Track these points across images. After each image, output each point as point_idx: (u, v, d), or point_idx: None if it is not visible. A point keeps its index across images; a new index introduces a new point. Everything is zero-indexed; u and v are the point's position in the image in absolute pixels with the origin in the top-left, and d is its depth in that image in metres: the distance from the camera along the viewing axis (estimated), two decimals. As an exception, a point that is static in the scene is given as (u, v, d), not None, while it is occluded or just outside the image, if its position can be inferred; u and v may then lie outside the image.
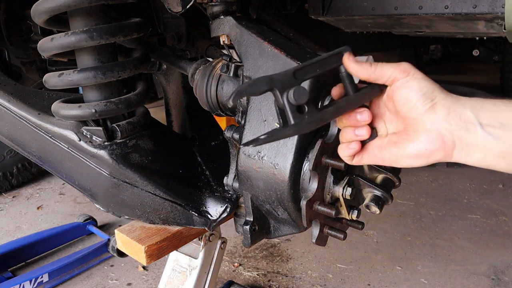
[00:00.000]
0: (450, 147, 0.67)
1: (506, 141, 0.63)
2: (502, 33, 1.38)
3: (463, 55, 6.54)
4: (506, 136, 0.63)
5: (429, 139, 0.67)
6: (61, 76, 1.05)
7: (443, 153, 0.67)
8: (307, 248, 2.28)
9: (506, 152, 0.64)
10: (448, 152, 0.67)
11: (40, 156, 1.22)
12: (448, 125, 0.66)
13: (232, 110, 1.04)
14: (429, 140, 0.67)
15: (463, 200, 2.77)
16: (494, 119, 0.64)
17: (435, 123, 0.67)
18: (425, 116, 0.67)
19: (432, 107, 0.67)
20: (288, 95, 0.67)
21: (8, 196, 3.00)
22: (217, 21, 1.04)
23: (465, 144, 0.66)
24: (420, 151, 0.68)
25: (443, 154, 0.67)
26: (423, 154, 0.68)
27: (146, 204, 1.12)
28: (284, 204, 0.91)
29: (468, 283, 1.99)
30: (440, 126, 0.66)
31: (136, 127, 1.12)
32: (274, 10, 1.62)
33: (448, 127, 0.66)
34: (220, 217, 1.15)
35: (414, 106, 0.68)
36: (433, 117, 0.67)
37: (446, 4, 1.25)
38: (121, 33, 1.04)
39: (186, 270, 1.38)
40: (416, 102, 0.68)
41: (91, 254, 2.15)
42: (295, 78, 0.69)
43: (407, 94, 0.69)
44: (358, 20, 1.58)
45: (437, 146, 0.67)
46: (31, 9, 1.05)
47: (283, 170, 0.88)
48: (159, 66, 1.35)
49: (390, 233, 2.42)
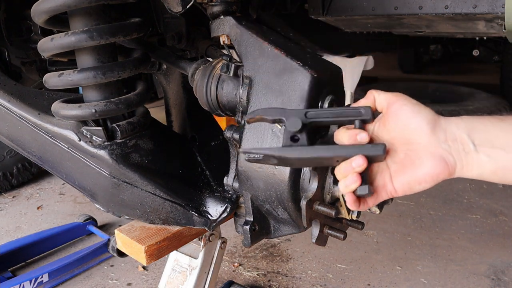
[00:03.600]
0: (453, 167, 0.69)
1: (497, 159, 0.68)
2: (502, 33, 1.38)
3: (463, 55, 6.54)
4: (495, 154, 0.68)
5: (435, 163, 0.69)
6: (61, 76, 1.05)
7: (448, 173, 0.70)
8: (307, 248, 2.28)
9: (497, 168, 0.68)
10: (452, 172, 0.70)
11: (40, 156, 1.22)
12: (448, 147, 0.69)
13: (232, 110, 1.04)
14: (435, 164, 0.69)
15: (463, 200, 2.77)
16: (484, 139, 0.68)
17: (438, 146, 0.69)
18: (428, 138, 0.69)
19: (432, 130, 0.69)
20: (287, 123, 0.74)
21: (8, 196, 3.00)
22: (217, 21, 1.04)
23: (464, 164, 0.69)
24: (428, 175, 0.70)
25: (447, 174, 0.70)
26: (431, 177, 0.70)
27: (146, 204, 1.12)
28: (284, 204, 0.91)
29: (468, 283, 1.99)
30: (442, 149, 0.69)
31: (136, 127, 1.12)
32: (274, 10, 1.62)
33: (448, 150, 0.69)
34: (220, 217, 1.15)
35: (415, 129, 0.70)
36: (435, 140, 0.69)
37: (446, 4, 1.25)
38: (121, 33, 1.04)
39: (186, 270, 1.38)
40: (417, 124, 0.70)
41: (91, 254, 2.15)
42: (306, 117, 0.74)
43: (406, 116, 0.71)
44: (358, 20, 1.58)
45: (443, 168, 0.69)
46: (31, 9, 1.05)
47: (283, 170, 0.88)
48: (159, 66, 1.35)
49: (390, 233, 2.42)
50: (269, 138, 0.90)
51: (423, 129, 0.70)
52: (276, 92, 0.91)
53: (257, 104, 0.93)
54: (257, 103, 0.93)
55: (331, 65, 0.97)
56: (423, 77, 6.29)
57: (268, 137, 0.90)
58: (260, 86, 0.93)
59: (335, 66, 0.98)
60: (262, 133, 0.91)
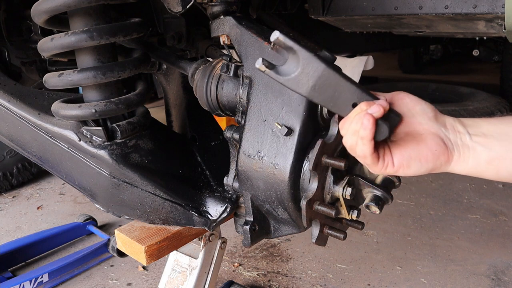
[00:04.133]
0: (452, 152, 0.73)
1: (490, 147, 0.71)
2: (502, 33, 1.38)
3: (463, 55, 6.55)
4: (489, 143, 0.72)
5: (436, 142, 0.72)
6: (61, 76, 1.05)
7: (447, 157, 0.72)
8: (307, 248, 2.28)
9: (492, 157, 0.72)
10: (450, 157, 0.73)
11: (40, 156, 1.22)
12: (447, 133, 0.74)
13: (232, 110, 1.04)
14: (436, 142, 0.72)
15: (463, 200, 2.77)
16: (477, 130, 0.73)
17: (439, 130, 0.73)
18: (430, 122, 0.74)
19: (435, 116, 0.75)
20: None
21: (8, 196, 3.00)
22: (217, 21, 1.04)
23: (461, 152, 0.73)
24: (430, 152, 0.72)
25: (446, 158, 0.73)
26: (432, 155, 0.72)
27: (146, 204, 1.12)
28: (284, 204, 0.91)
29: (468, 283, 1.99)
30: (442, 133, 0.73)
31: (136, 127, 1.12)
32: (274, 10, 1.62)
33: (448, 135, 0.73)
34: (220, 217, 1.14)
35: (419, 113, 0.74)
36: (436, 125, 0.74)
37: (446, 4, 1.25)
38: (121, 33, 1.04)
39: (186, 270, 1.38)
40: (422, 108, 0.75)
41: (91, 254, 2.15)
42: None
43: (411, 102, 0.76)
44: (358, 20, 1.58)
45: (443, 149, 0.72)
46: (31, 9, 1.05)
47: (283, 170, 0.88)
48: (159, 66, 1.35)
49: (390, 233, 2.42)
50: (269, 138, 0.90)
51: (427, 112, 0.74)
52: (276, 92, 0.91)
53: (257, 104, 0.93)
54: (257, 103, 0.93)
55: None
56: (423, 77, 6.29)
57: (268, 137, 0.91)
58: (260, 86, 0.93)
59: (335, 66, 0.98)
60: (262, 133, 0.91)
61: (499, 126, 0.73)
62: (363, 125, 0.67)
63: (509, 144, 0.71)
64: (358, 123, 0.69)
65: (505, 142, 0.71)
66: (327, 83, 0.70)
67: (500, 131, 0.72)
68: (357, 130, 0.69)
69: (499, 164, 0.71)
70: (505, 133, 0.72)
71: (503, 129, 0.72)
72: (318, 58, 0.69)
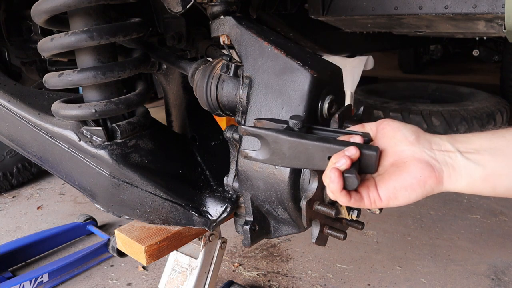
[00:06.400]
0: (440, 173, 0.70)
1: (484, 164, 0.68)
2: (502, 33, 1.38)
3: (463, 55, 6.55)
4: (482, 160, 0.68)
5: (420, 167, 0.70)
6: (61, 76, 1.05)
7: (435, 179, 0.70)
8: (307, 248, 2.28)
9: (487, 174, 0.68)
10: (440, 179, 0.70)
11: (40, 156, 1.22)
12: (433, 154, 0.71)
13: (232, 110, 1.04)
14: (420, 168, 0.70)
15: (463, 200, 2.77)
16: (468, 146, 0.70)
17: (422, 153, 0.71)
18: (413, 146, 0.71)
19: (417, 139, 0.72)
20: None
21: (8, 196, 3.00)
22: (217, 21, 1.04)
23: (452, 171, 0.70)
24: (415, 179, 0.69)
25: (435, 181, 0.70)
26: (417, 183, 0.69)
27: (146, 204, 1.12)
28: (284, 204, 0.91)
29: (468, 283, 1.99)
30: (427, 155, 0.71)
31: (136, 127, 1.12)
32: (274, 10, 1.62)
33: (434, 156, 0.71)
34: (220, 217, 1.14)
35: (400, 140, 0.73)
36: (418, 148, 0.71)
37: (446, 4, 1.25)
38: (121, 33, 1.04)
39: (186, 270, 1.38)
40: (402, 135, 0.73)
41: (91, 254, 2.15)
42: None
43: (392, 130, 0.74)
44: (358, 20, 1.58)
45: (429, 172, 0.69)
46: (31, 9, 1.05)
47: (283, 170, 0.88)
48: (159, 66, 1.35)
49: (390, 233, 2.42)
50: None
51: (408, 138, 0.72)
52: (276, 92, 0.91)
53: (257, 104, 0.93)
54: (257, 103, 0.93)
55: (331, 65, 0.97)
56: (423, 77, 6.28)
57: None
58: (260, 86, 0.93)
59: (335, 66, 0.98)
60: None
61: (492, 140, 0.70)
62: (330, 180, 0.69)
63: (504, 160, 0.68)
64: (326, 178, 0.70)
65: (499, 158, 0.68)
66: (297, 150, 0.74)
67: (493, 145, 0.69)
68: (328, 184, 0.70)
69: (495, 181, 0.68)
70: (498, 147, 0.69)
71: (496, 143, 0.69)
72: (282, 134, 0.75)
